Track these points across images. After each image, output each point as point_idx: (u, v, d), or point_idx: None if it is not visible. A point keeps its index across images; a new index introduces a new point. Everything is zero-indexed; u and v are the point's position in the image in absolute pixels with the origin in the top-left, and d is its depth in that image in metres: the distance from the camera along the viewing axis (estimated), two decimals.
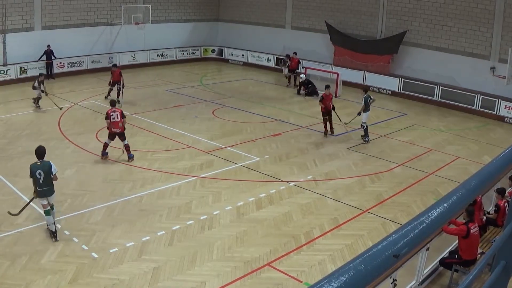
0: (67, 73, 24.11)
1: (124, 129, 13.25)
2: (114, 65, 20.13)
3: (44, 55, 23.07)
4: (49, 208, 9.03)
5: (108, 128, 13.20)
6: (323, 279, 1.34)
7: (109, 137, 13.27)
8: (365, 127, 15.89)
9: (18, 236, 9.21)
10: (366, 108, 15.73)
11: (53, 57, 23.38)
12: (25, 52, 22.53)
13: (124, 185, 11.82)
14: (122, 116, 13.10)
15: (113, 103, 13.74)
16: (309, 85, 22.39)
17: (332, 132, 16.49)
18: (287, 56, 24.86)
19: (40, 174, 8.82)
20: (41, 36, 23.14)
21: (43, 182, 8.84)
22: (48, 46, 22.96)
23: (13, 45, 22.23)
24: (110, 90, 19.69)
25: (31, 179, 8.98)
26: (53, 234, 9.12)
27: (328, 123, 16.41)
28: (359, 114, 15.91)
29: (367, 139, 15.92)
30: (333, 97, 17.26)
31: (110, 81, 19.67)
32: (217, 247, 9.21)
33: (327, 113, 16.29)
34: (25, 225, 9.61)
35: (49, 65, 23.33)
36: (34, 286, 7.70)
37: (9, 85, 21.80)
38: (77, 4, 24.68)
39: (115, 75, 19.29)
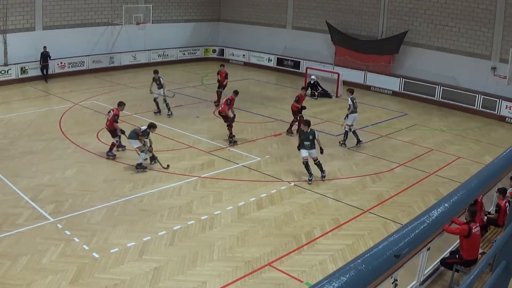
0: (68, 73, 24.11)
1: (113, 127, 13.45)
2: (222, 65, 19.72)
3: (41, 57, 22.66)
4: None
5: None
6: (324, 279, 1.34)
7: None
8: (350, 130, 15.10)
9: (19, 236, 9.21)
10: (354, 109, 15.10)
11: (49, 59, 22.80)
12: (26, 52, 22.52)
13: (125, 185, 11.83)
14: (114, 115, 13.48)
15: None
16: (319, 89, 22.18)
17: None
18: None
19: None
20: (42, 36, 23.13)
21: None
22: (44, 47, 22.50)
23: (14, 45, 22.24)
24: (219, 93, 19.44)
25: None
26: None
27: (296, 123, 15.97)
28: (346, 117, 15.15)
29: (343, 143, 15.23)
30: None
31: (219, 84, 19.52)
32: (218, 247, 9.22)
33: (300, 112, 15.92)
34: (26, 225, 9.62)
35: (44, 67, 22.82)
36: (35, 286, 7.71)
37: (10, 85, 21.82)
38: (78, 4, 24.69)
39: (222, 76, 19.30)
